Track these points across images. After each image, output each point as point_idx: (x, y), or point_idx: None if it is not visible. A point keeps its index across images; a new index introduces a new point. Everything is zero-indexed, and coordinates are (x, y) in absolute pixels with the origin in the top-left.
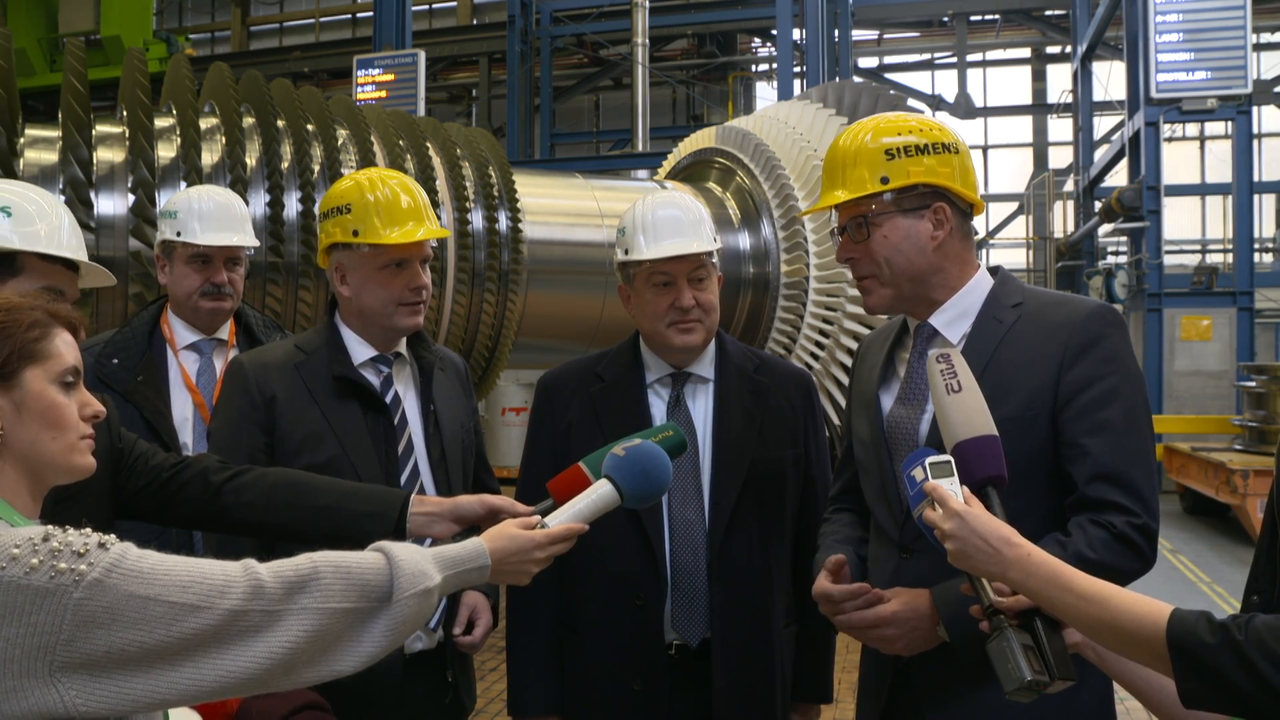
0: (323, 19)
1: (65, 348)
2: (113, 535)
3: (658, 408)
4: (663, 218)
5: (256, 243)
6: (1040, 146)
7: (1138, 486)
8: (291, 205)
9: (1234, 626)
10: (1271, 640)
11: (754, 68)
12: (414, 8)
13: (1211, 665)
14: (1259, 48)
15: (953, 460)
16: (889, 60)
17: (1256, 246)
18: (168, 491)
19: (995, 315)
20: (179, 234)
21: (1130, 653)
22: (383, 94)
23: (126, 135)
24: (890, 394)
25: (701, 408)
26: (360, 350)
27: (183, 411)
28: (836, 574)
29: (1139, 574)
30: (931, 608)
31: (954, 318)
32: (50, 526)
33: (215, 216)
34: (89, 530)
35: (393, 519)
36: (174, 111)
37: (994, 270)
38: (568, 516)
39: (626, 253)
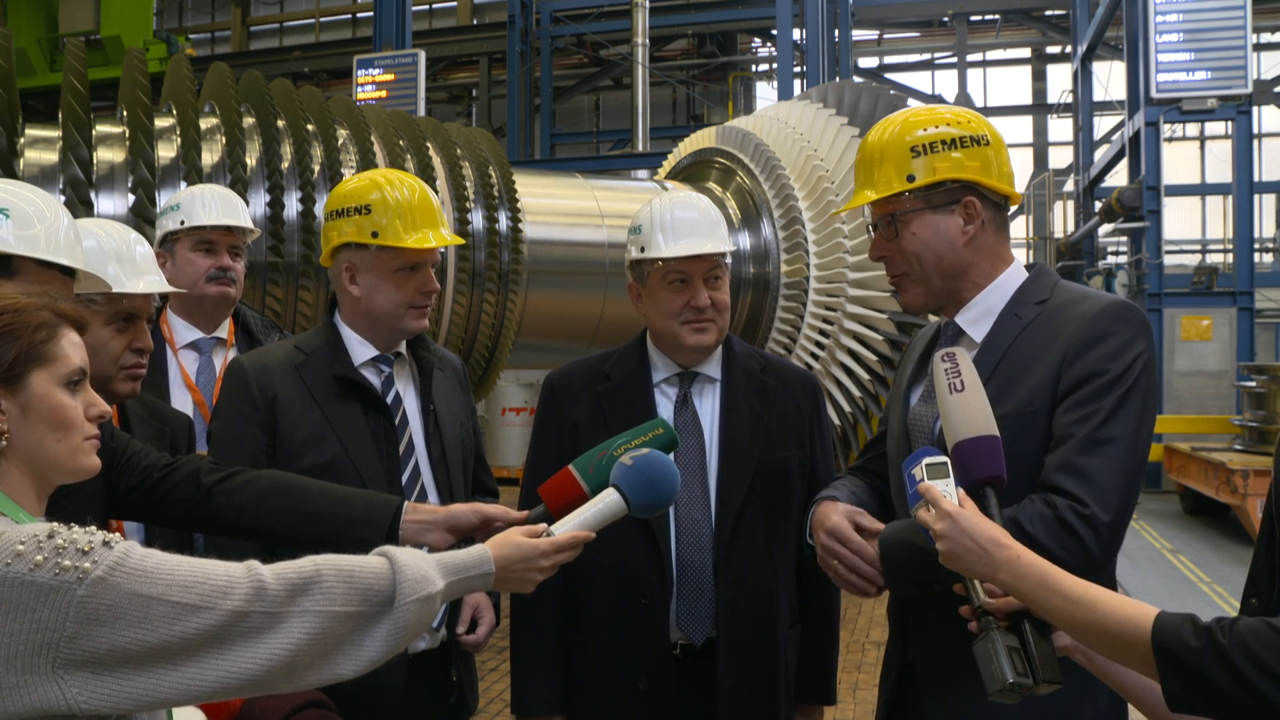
0: (323, 19)
1: (72, 349)
2: (117, 534)
3: (665, 407)
4: (681, 218)
5: (258, 230)
6: (1040, 146)
7: (1095, 477)
8: (291, 205)
9: (1218, 630)
10: (1255, 644)
11: (754, 68)
12: (414, 8)
13: (1196, 669)
14: (1259, 48)
15: (949, 461)
16: (889, 60)
17: (1256, 246)
18: (159, 492)
19: (1017, 313)
20: (183, 222)
21: (1117, 656)
22: (383, 94)
23: (126, 135)
24: (919, 390)
25: (709, 407)
26: (361, 350)
27: (182, 411)
28: (857, 520)
29: (1082, 565)
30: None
31: (978, 315)
32: (55, 524)
33: (219, 204)
34: (94, 528)
35: (385, 526)
36: (174, 111)
37: (1031, 266)
38: (574, 525)
39: (642, 250)
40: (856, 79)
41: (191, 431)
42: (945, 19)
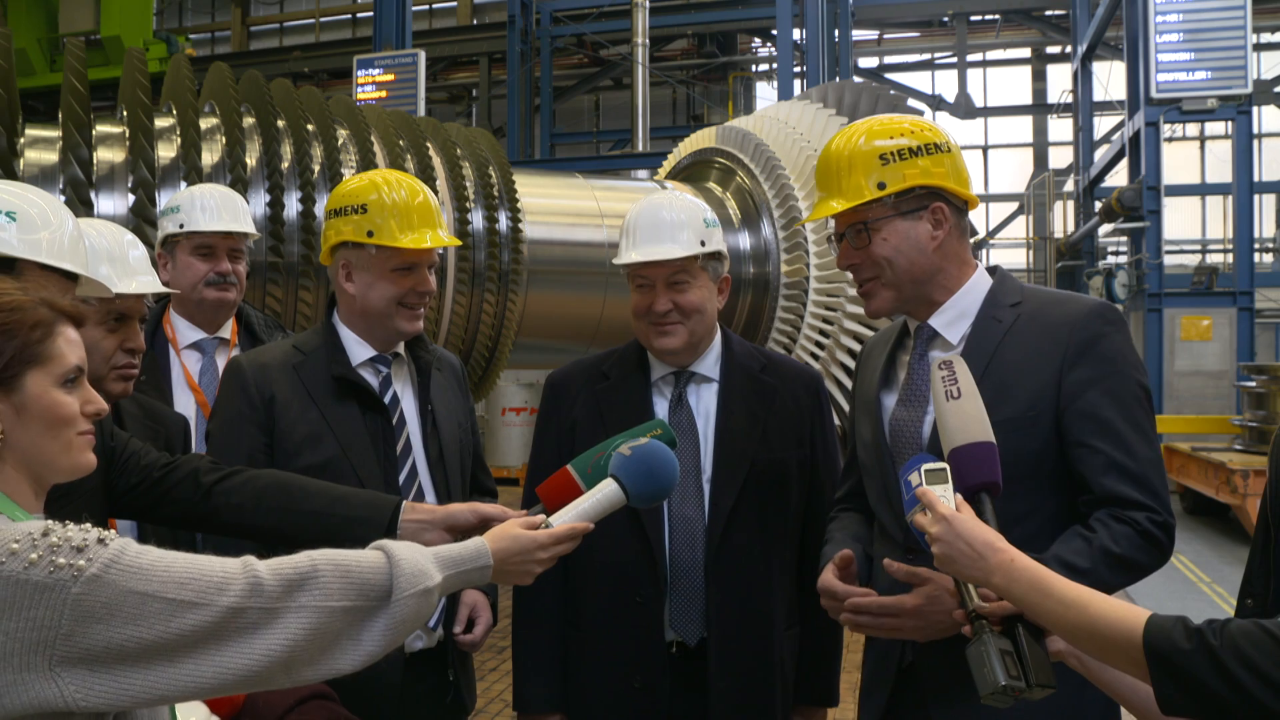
0: (323, 19)
1: (68, 347)
2: (112, 531)
3: (661, 406)
4: (644, 222)
5: (258, 233)
6: (1040, 146)
7: (1153, 484)
8: (291, 205)
9: (1210, 632)
10: (1246, 646)
11: (754, 68)
12: (414, 8)
13: (1188, 671)
14: (1259, 48)
15: (948, 467)
16: (889, 60)
17: (1256, 246)
18: (158, 491)
19: (994, 315)
20: (182, 226)
21: (1109, 659)
22: (383, 94)
23: (126, 135)
24: (892, 396)
25: (704, 407)
26: (359, 350)
27: (185, 411)
28: (844, 570)
29: (1157, 568)
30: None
31: (953, 318)
32: (50, 521)
33: (218, 208)
34: (89, 526)
35: (383, 525)
36: (174, 111)
37: (992, 270)
38: (572, 516)
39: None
40: (856, 79)
41: (187, 432)
42: (945, 19)
